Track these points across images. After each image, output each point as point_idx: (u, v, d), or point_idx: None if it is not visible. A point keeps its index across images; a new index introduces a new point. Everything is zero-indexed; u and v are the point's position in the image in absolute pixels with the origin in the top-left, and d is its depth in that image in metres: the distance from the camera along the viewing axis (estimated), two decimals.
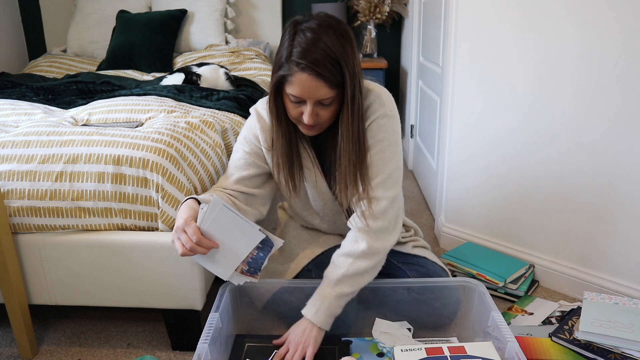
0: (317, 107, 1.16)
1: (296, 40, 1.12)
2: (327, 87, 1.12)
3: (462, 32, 1.81)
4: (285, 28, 1.17)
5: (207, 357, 1.14)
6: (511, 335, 1.17)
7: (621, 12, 1.41)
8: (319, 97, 1.14)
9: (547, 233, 1.73)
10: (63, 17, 3.41)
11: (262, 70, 2.91)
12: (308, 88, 1.12)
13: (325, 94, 1.14)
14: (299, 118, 1.20)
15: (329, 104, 1.17)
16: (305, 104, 1.16)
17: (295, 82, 1.12)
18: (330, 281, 1.25)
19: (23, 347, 1.42)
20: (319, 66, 1.10)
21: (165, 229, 1.38)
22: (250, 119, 1.35)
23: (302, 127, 1.23)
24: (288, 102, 1.19)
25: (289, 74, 1.13)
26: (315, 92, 1.13)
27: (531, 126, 1.68)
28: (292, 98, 1.16)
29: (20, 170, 1.36)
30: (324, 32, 1.11)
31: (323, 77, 1.11)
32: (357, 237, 1.25)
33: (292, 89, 1.14)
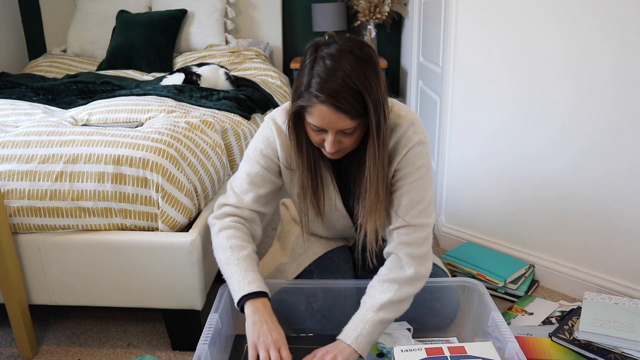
0: (340, 135, 1.12)
1: (315, 70, 1.07)
2: (348, 119, 1.08)
3: (462, 32, 1.81)
4: (306, 51, 1.12)
5: (207, 357, 1.14)
6: (511, 335, 1.17)
7: (622, 12, 1.41)
8: (340, 127, 1.09)
9: (547, 233, 1.73)
10: (63, 17, 3.41)
11: (262, 70, 2.91)
12: (328, 120, 1.08)
13: (347, 125, 1.09)
14: (321, 144, 1.16)
15: (351, 133, 1.12)
16: (326, 132, 1.12)
17: (315, 114, 1.08)
18: (373, 306, 1.19)
19: (23, 347, 1.42)
20: (338, 99, 1.05)
21: (165, 229, 1.38)
22: (267, 129, 1.28)
23: (324, 151, 1.18)
24: (309, 129, 1.15)
25: (308, 104, 1.08)
26: (336, 123, 1.08)
27: (531, 126, 1.68)
28: (312, 127, 1.12)
29: (20, 170, 1.36)
30: (344, 58, 1.06)
31: (343, 110, 1.06)
32: (403, 264, 1.22)
33: (312, 120, 1.10)
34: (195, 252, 1.35)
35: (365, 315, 1.19)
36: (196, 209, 1.46)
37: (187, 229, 1.42)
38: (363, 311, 1.20)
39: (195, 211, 1.46)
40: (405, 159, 1.21)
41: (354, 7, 3.23)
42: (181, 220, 1.39)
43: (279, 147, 1.26)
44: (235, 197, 1.29)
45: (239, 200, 1.28)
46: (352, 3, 3.24)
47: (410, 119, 1.22)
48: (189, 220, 1.42)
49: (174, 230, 1.39)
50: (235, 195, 1.29)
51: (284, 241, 1.56)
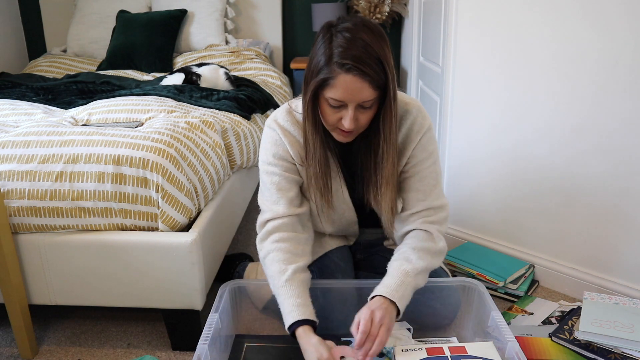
0: (357, 111, 1.14)
1: (334, 43, 1.09)
2: (370, 88, 1.10)
3: (462, 32, 1.81)
4: (318, 34, 1.14)
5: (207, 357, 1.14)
6: (511, 335, 1.17)
7: (623, 12, 1.41)
8: (362, 99, 1.11)
9: (547, 233, 1.73)
10: (63, 17, 3.41)
11: (262, 70, 2.91)
12: (352, 90, 1.09)
13: (368, 96, 1.11)
14: (336, 124, 1.17)
15: (369, 107, 1.14)
16: (345, 108, 1.13)
17: (339, 85, 1.09)
18: (412, 271, 1.20)
19: (23, 347, 1.42)
20: (363, 64, 1.07)
21: (165, 228, 1.38)
22: (271, 133, 1.29)
23: (338, 134, 1.20)
24: (326, 107, 1.15)
25: (330, 77, 1.09)
26: (359, 93, 1.10)
27: (531, 126, 1.68)
28: (332, 102, 1.13)
29: (20, 170, 1.36)
30: (361, 30, 1.09)
31: (368, 76, 1.08)
32: (434, 237, 1.26)
33: (334, 92, 1.10)
34: (195, 252, 1.35)
35: (405, 279, 1.19)
36: (196, 209, 1.46)
37: (187, 229, 1.42)
38: (401, 275, 1.19)
39: (195, 211, 1.46)
40: (419, 146, 1.27)
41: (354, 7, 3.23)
42: (181, 220, 1.39)
43: (289, 146, 1.27)
44: (270, 211, 1.29)
45: (274, 212, 1.28)
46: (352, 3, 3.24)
47: (416, 105, 1.28)
48: (189, 220, 1.42)
49: (174, 230, 1.39)
50: (269, 209, 1.29)
51: None
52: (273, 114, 1.32)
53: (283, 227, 1.28)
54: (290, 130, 1.28)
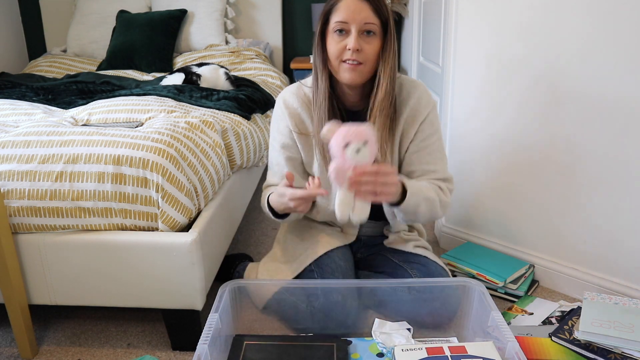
0: (362, 38, 1.24)
1: None
2: (370, 11, 1.22)
3: (462, 32, 1.81)
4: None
5: (207, 357, 1.14)
6: (511, 335, 1.17)
7: (623, 13, 1.41)
8: (364, 19, 1.22)
9: (547, 233, 1.73)
10: (63, 17, 3.42)
11: (262, 70, 2.91)
12: (353, 9, 1.22)
13: (369, 18, 1.23)
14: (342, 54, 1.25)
15: (372, 33, 1.24)
16: (349, 33, 1.23)
17: (342, 7, 1.23)
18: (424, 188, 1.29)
19: (23, 347, 1.42)
20: None
21: (165, 228, 1.38)
22: (275, 110, 1.43)
23: (344, 70, 1.27)
24: (331, 40, 1.26)
25: (335, 2, 1.24)
26: (360, 13, 1.22)
27: (531, 127, 1.68)
28: (337, 26, 1.24)
29: (20, 170, 1.36)
30: None
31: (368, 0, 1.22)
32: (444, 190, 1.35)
33: (338, 15, 1.23)
34: (195, 252, 1.35)
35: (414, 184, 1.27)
36: (196, 209, 1.46)
37: (187, 229, 1.42)
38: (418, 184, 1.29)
39: (195, 211, 1.46)
40: (427, 120, 1.36)
41: None
42: (181, 220, 1.39)
43: (289, 118, 1.39)
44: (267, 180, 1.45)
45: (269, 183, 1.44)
46: None
47: (421, 85, 1.39)
48: (189, 220, 1.42)
49: (174, 230, 1.39)
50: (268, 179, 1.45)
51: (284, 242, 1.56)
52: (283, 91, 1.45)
53: None
54: (293, 103, 1.39)
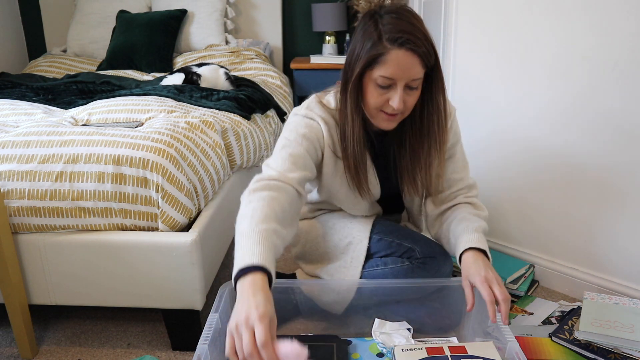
0: (405, 91, 1.15)
1: (382, 24, 1.11)
2: (419, 66, 1.12)
3: (462, 32, 1.81)
4: (360, 21, 1.17)
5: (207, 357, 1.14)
6: (511, 335, 1.17)
7: (623, 12, 1.41)
8: (412, 76, 1.12)
9: (547, 233, 1.73)
10: (63, 17, 3.41)
11: (262, 70, 2.91)
12: (404, 65, 1.10)
13: (417, 74, 1.13)
14: (381, 107, 1.17)
15: (415, 88, 1.16)
16: (393, 88, 1.14)
17: (390, 60, 1.10)
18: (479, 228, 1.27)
19: (23, 347, 1.42)
20: (415, 39, 1.09)
21: (165, 229, 1.38)
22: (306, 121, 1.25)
23: (382, 119, 1.20)
24: (372, 89, 1.15)
25: (381, 53, 1.10)
26: (410, 70, 1.11)
27: (531, 126, 1.68)
28: (380, 81, 1.13)
29: (20, 170, 1.36)
30: (407, 12, 1.14)
31: (419, 53, 1.10)
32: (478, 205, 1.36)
33: (385, 69, 1.11)
34: (195, 252, 1.35)
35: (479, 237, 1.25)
36: (196, 209, 1.46)
37: (187, 229, 1.42)
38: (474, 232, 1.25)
39: (195, 211, 1.45)
40: (451, 130, 1.33)
41: (354, 7, 3.22)
42: (181, 220, 1.39)
43: (325, 134, 1.25)
44: (278, 173, 1.16)
45: (282, 176, 1.15)
46: (352, 3, 3.23)
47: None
48: (189, 220, 1.42)
49: (174, 230, 1.39)
50: (278, 172, 1.17)
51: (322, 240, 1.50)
52: (305, 106, 1.29)
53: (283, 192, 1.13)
54: (328, 121, 1.26)
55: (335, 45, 3.27)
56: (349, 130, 1.22)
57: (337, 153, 1.28)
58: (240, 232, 1.04)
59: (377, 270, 1.37)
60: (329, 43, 3.27)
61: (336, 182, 1.33)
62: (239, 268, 0.96)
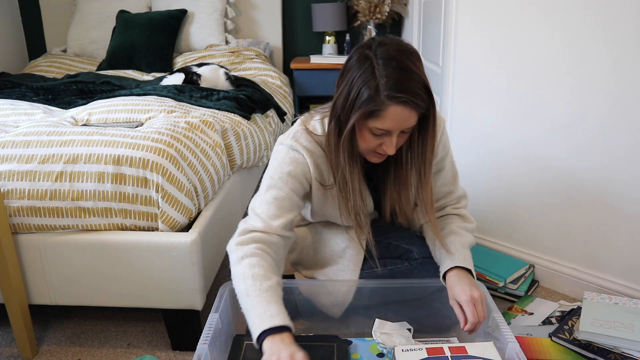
0: (399, 135, 1.15)
1: (378, 72, 1.07)
2: (415, 116, 1.12)
3: (462, 32, 1.81)
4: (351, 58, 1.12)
5: (207, 357, 1.14)
6: (511, 335, 1.17)
7: (622, 12, 1.41)
8: (407, 126, 1.12)
9: (547, 233, 1.73)
10: (63, 17, 3.41)
11: (262, 70, 2.91)
12: (400, 120, 1.10)
13: (412, 123, 1.13)
14: (375, 149, 1.18)
15: (408, 131, 1.16)
16: (388, 135, 1.14)
17: (388, 116, 1.09)
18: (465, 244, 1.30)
19: (23, 347, 1.42)
20: (415, 96, 1.07)
21: (165, 229, 1.38)
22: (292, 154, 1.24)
23: (372, 157, 1.21)
24: (367, 135, 1.15)
25: (379, 109, 1.08)
26: (406, 122, 1.11)
27: (531, 126, 1.68)
28: (376, 131, 1.12)
29: (20, 170, 1.36)
30: (405, 58, 1.08)
31: (417, 107, 1.09)
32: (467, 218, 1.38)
33: (382, 123, 1.10)
34: (195, 252, 1.35)
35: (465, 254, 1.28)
36: (196, 209, 1.46)
37: (187, 229, 1.42)
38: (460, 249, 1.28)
39: (195, 211, 1.45)
40: (440, 144, 1.31)
41: (354, 7, 3.23)
42: (181, 220, 1.39)
43: (312, 167, 1.24)
44: (263, 223, 1.21)
45: (267, 226, 1.20)
46: (352, 3, 3.23)
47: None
48: (189, 220, 1.42)
49: (174, 230, 1.39)
50: (262, 221, 1.21)
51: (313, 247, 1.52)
52: (291, 135, 1.26)
53: (270, 242, 1.20)
54: (314, 151, 1.24)
55: (335, 45, 3.27)
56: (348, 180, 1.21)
57: (325, 183, 1.27)
58: (246, 292, 1.11)
59: (375, 272, 1.37)
60: (329, 43, 3.27)
61: (327, 208, 1.33)
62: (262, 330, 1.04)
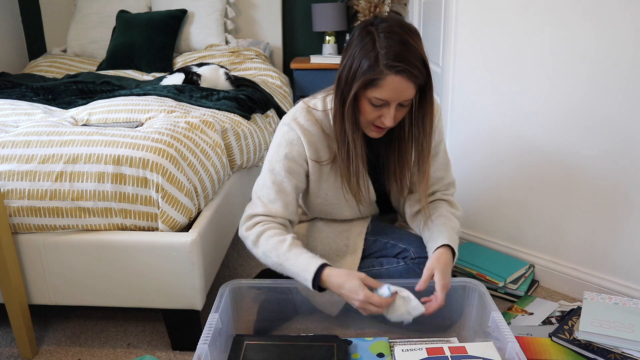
0: (397, 108, 1.19)
1: (379, 44, 1.12)
2: (413, 88, 1.15)
3: (462, 32, 1.81)
4: (354, 34, 1.17)
5: (207, 357, 1.14)
6: (511, 335, 1.17)
7: (622, 12, 1.41)
8: (405, 98, 1.16)
9: (547, 233, 1.73)
10: (63, 17, 3.41)
11: (262, 70, 2.91)
12: (398, 90, 1.13)
13: (410, 95, 1.16)
14: (374, 121, 1.22)
15: (406, 105, 1.20)
16: (386, 106, 1.18)
17: (386, 85, 1.13)
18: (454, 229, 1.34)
19: (23, 347, 1.42)
20: (412, 66, 1.11)
21: (165, 228, 1.38)
22: (288, 132, 1.29)
23: (371, 130, 1.25)
24: (366, 106, 1.19)
25: (377, 77, 1.12)
26: (404, 93, 1.15)
27: (531, 126, 1.68)
28: (375, 101, 1.17)
29: (20, 170, 1.36)
30: (405, 32, 1.13)
31: (414, 78, 1.13)
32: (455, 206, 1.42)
33: (380, 93, 1.14)
34: (195, 252, 1.35)
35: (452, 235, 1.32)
36: (196, 209, 1.46)
37: (187, 229, 1.42)
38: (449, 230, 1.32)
39: (195, 211, 1.45)
40: (437, 129, 1.35)
41: (354, 7, 3.22)
42: (181, 220, 1.39)
43: (306, 146, 1.29)
44: (264, 207, 1.30)
45: (267, 210, 1.29)
46: (352, 3, 3.23)
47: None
48: (189, 220, 1.42)
49: (174, 230, 1.39)
50: (264, 205, 1.30)
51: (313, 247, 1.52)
52: (291, 113, 1.31)
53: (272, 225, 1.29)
54: (311, 130, 1.29)
55: (335, 45, 3.27)
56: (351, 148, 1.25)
57: (321, 159, 1.31)
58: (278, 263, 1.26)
59: (372, 271, 1.38)
60: (329, 43, 3.27)
61: (322, 186, 1.36)
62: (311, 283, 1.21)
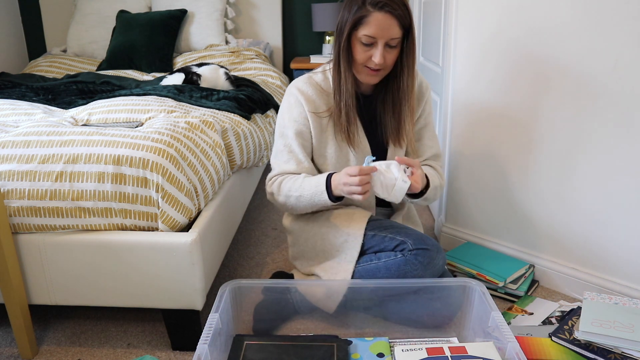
0: (385, 49, 1.33)
1: None
2: (397, 27, 1.30)
3: (462, 32, 1.81)
4: None
5: (207, 357, 1.14)
6: (511, 335, 1.17)
7: (622, 12, 1.41)
8: (391, 35, 1.31)
9: (547, 233, 1.73)
10: (63, 17, 3.42)
11: (262, 70, 2.91)
12: (383, 26, 1.29)
13: (396, 34, 1.31)
14: (365, 62, 1.35)
15: (394, 46, 1.34)
16: (375, 46, 1.32)
17: (372, 22, 1.29)
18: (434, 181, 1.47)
19: (23, 347, 1.42)
20: (393, 3, 1.28)
21: (165, 228, 1.38)
22: (288, 98, 1.47)
23: (365, 74, 1.38)
24: (358, 47, 1.34)
25: (364, 15, 1.29)
26: (389, 30, 1.30)
27: (531, 126, 1.68)
28: (364, 40, 1.32)
29: (20, 170, 1.36)
30: None
31: (397, 16, 1.29)
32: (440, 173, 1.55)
33: (368, 29, 1.30)
34: (195, 252, 1.35)
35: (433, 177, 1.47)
36: (196, 209, 1.46)
37: (187, 229, 1.42)
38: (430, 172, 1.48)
39: (195, 211, 1.46)
40: (429, 100, 1.55)
41: None
42: (181, 220, 1.39)
43: (304, 102, 1.44)
44: (279, 168, 1.48)
45: (282, 169, 1.47)
46: None
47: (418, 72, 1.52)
48: (189, 220, 1.42)
49: (174, 230, 1.39)
50: (279, 166, 1.48)
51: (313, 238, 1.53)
52: (294, 82, 1.49)
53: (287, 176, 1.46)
54: (308, 90, 1.45)
55: None
56: (343, 84, 1.39)
57: (318, 110, 1.45)
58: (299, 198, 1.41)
59: (370, 265, 1.39)
60: (329, 43, 3.27)
61: (323, 138, 1.48)
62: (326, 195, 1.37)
